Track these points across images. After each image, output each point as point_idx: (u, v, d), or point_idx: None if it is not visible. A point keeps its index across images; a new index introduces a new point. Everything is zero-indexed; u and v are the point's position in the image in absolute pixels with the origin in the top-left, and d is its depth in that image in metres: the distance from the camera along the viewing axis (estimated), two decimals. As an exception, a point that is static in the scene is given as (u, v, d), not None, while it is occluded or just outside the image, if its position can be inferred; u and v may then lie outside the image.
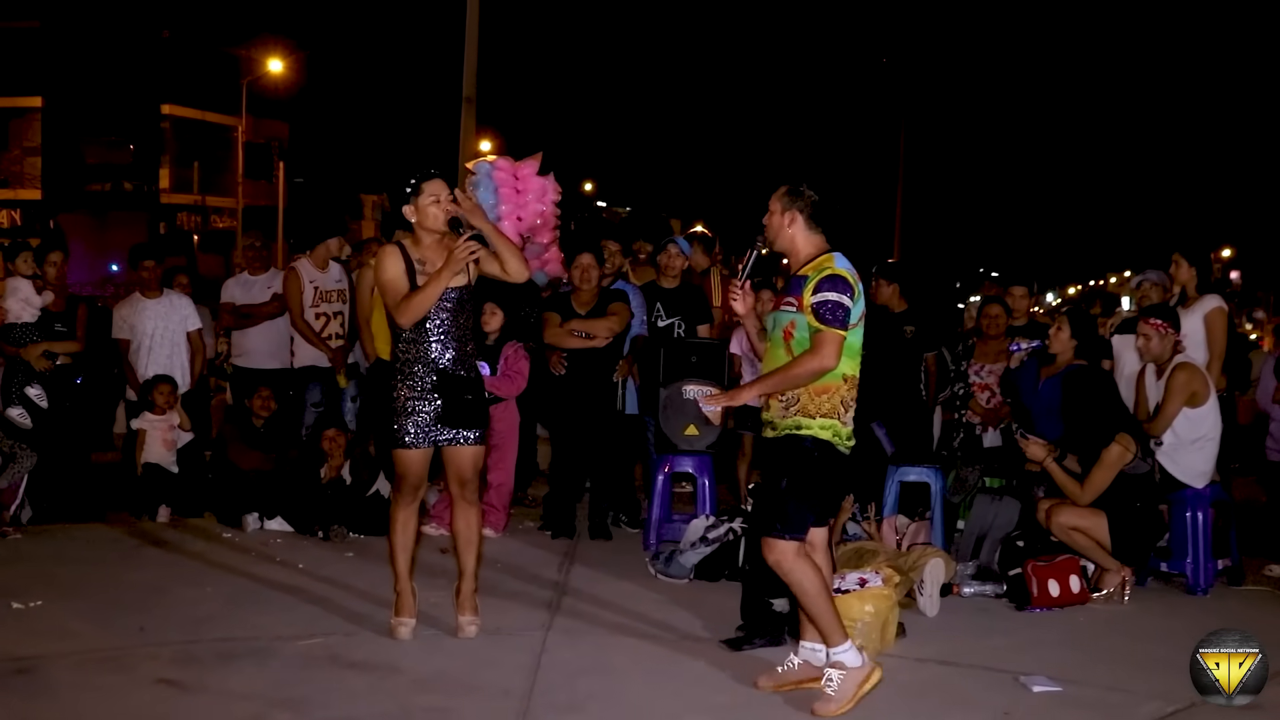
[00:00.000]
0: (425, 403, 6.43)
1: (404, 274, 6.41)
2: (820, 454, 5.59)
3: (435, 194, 6.43)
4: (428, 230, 6.48)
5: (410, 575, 6.69)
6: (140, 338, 10.27)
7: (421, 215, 6.46)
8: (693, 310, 10.05)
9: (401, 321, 6.40)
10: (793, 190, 5.78)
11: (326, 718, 5.33)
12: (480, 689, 5.76)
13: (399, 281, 6.41)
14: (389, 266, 6.44)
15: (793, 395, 5.61)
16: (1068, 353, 8.43)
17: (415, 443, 6.47)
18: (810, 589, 5.62)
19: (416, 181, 6.47)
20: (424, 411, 6.44)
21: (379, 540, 8.87)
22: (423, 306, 6.35)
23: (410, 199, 6.47)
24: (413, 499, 6.65)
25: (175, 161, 45.87)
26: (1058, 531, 7.82)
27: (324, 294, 10.36)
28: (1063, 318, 8.69)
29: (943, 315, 11.86)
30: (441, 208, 6.44)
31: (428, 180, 6.47)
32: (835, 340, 5.50)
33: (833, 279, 5.56)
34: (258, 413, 9.96)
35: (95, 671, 5.89)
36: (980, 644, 6.78)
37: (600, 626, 6.88)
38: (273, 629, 6.65)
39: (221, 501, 9.60)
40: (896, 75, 41.37)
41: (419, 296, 6.33)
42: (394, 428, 6.50)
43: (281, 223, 40.39)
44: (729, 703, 5.71)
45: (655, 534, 8.95)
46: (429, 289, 6.33)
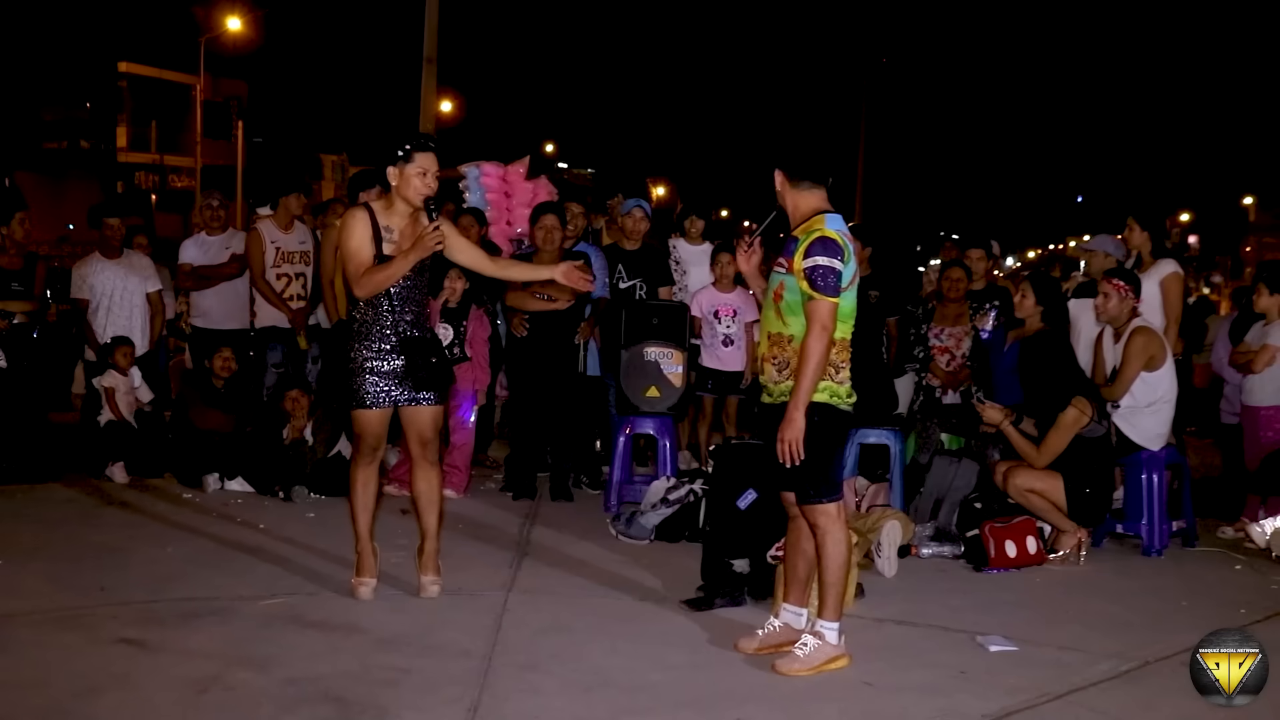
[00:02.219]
0: (384, 362, 6.41)
1: (369, 241, 6.33)
2: (821, 418, 5.60)
3: (425, 167, 6.32)
4: (404, 200, 6.39)
5: (371, 536, 6.69)
6: (99, 298, 10.22)
7: (404, 184, 6.34)
8: (654, 272, 10.07)
9: (359, 293, 6.36)
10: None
11: (287, 677, 5.34)
12: (441, 649, 5.78)
13: (363, 251, 6.33)
14: (355, 234, 6.34)
15: (784, 359, 5.62)
16: (1035, 318, 8.48)
17: (375, 403, 6.45)
18: (838, 557, 5.66)
19: (410, 149, 6.33)
20: (383, 372, 6.42)
21: (340, 501, 8.85)
22: (383, 285, 6.31)
23: (398, 162, 6.34)
24: (372, 459, 6.63)
25: (132, 120, 45.46)
26: (1014, 493, 7.89)
27: (286, 254, 10.31)
28: (1026, 284, 8.71)
29: (904, 279, 11.89)
30: (425, 182, 6.33)
31: (422, 151, 6.35)
32: (829, 308, 5.47)
33: (823, 241, 5.52)
34: (218, 373, 9.93)
35: (55, 630, 5.87)
36: (938, 604, 6.84)
37: (561, 587, 6.91)
38: (234, 589, 6.65)
39: (182, 462, 9.58)
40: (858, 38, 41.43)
41: (380, 275, 6.28)
42: (352, 388, 6.48)
43: (241, 183, 40.12)
44: (689, 662, 5.74)
45: (616, 495, 8.97)
46: (391, 269, 6.28)
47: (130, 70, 44.78)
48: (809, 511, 5.70)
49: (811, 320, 5.50)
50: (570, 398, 9.38)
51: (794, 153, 5.80)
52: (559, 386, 9.30)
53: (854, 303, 5.68)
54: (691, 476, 8.39)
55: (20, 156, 41.50)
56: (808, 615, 5.89)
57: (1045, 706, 5.31)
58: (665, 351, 9.03)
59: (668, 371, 9.04)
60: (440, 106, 25.52)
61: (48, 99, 43.45)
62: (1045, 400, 8.03)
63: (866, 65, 42.73)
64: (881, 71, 44.85)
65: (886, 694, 5.40)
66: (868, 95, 42.46)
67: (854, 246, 5.67)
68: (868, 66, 42.72)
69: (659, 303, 9.56)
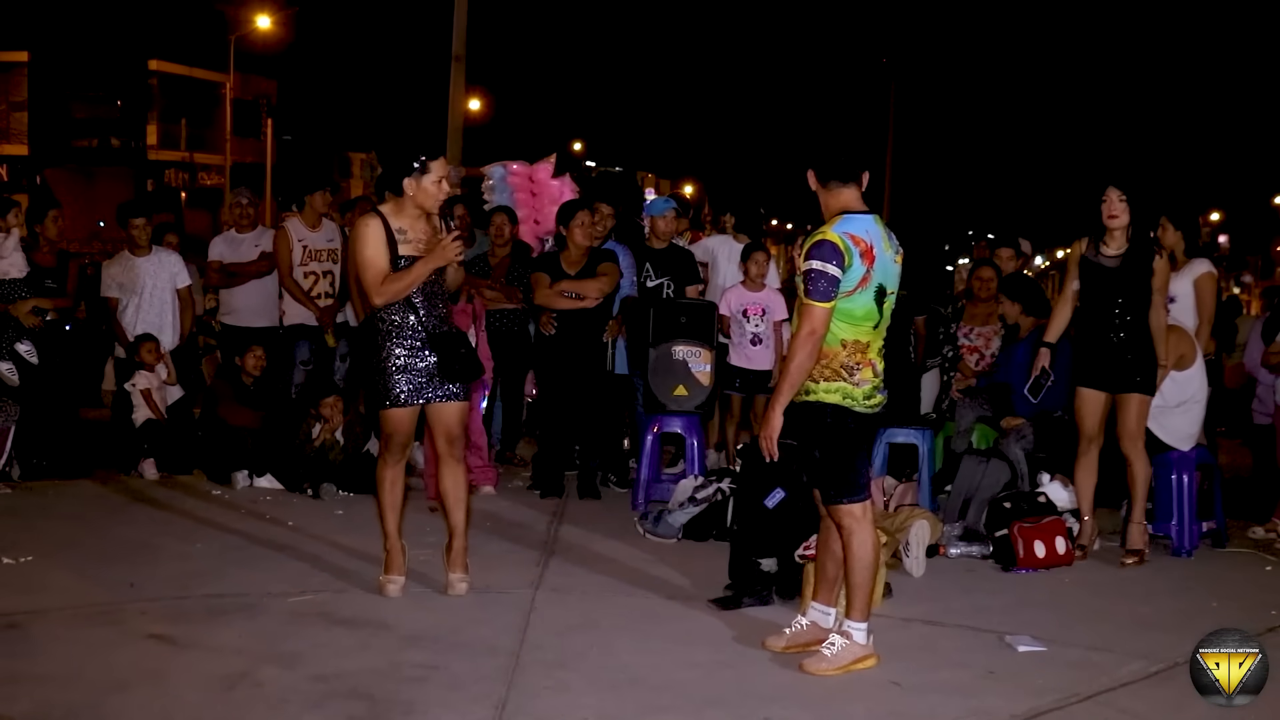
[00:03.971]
0: (417, 360, 6.42)
1: (385, 248, 6.31)
2: (834, 420, 5.59)
3: (440, 175, 6.33)
4: (419, 207, 6.40)
5: (399, 533, 6.70)
6: (129, 295, 10.26)
7: (421, 194, 6.34)
8: (682, 271, 10.07)
9: (378, 302, 6.35)
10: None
11: (315, 673, 5.35)
12: (469, 646, 5.79)
13: (379, 260, 6.31)
14: (370, 242, 6.32)
15: None
16: (1026, 320, 8.61)
17: (408, 401, 6.46)
18: (865, 557, 5.64)
19: (426, 159, 6.31)
20: (415, 370, 6.43)
21: (368, 498, 8.89)
22: (402, 293, 6.33)
23: (414, 173, 6.32)
24: (400, 457, 6.65)
25: (162, 118, 45.58)
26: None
27: (313, 253, 10.33)
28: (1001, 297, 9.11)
29: (933, 278, 11.87)
30: (442, 189, 6.35)
31: (436, 160, 6.35)
32: (819, 313, 5.45)
33: (821, 245, 5.49)
34: (249, 371, 9.96)
35: (85, 626, 5.91)
36: (966, 604, 6.82)
37: (589, 585, 6.91)
38: (263, 585, 6.67)
39: (211, 459, 9.63)
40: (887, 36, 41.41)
41: (399, 284, 6.29)
42: (384, 388, 6.47)
43: (270, 180, 40.27)
44: (717, 660, 5.74)
45: (644, 494, 8.97)
46: (409, 277, 6.30)
47: (160, 68, 44.93)
48: (834, 512, 5.69)
49: (800, 322, 5.52)
50: (598, 396, 9.38)
51: (822, 152, 5.78)
52: (587, 385, 9.29)
53: (872, 304, 5.61)
54: (719, 475, 8.39)
55: (51, 154, 41.77)
56: (836, 615, 5.88)
57: (1074, 707, 5.28)
58: (693, 350, 9.02)
59: (695, 370, 9.03)
60: (469, 105, 25.58)
61: (78, 96, 43.65)
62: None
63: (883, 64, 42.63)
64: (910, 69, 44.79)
65: (914, 694, 5.39)
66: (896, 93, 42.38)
67: (872, 246, 5.58)
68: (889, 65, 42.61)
69: (687, 301, 9.55)
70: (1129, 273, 7.54)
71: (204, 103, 45.83)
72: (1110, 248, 7.61)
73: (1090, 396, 7.78)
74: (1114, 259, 7.59)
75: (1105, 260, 7.61)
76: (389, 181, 6.47)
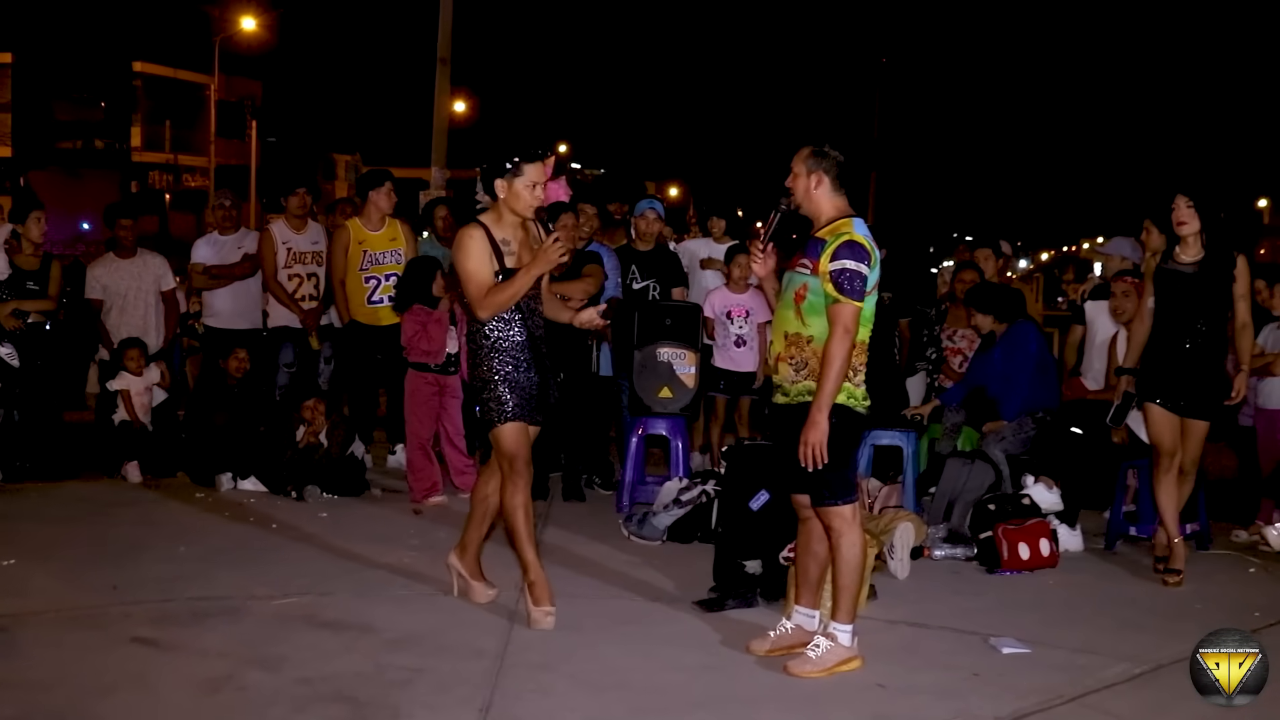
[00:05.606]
0: (523, 376, 6.20)
1: (489, 259, 6.09)
2: (839, 420, 5.59)
3: (534, 179, 6.10)
4: (515, 213, 6.17)
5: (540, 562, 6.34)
6: (114, 298, 10.24)
7: (514, 198, 6.11)
8: (667, 273, 10.07)
9: (482, 315, 6.12)
10: (818, 151, 5.68)
11: (300, 676, 5.35)
12: (454, 648, 5.78)
13: (483, 271, 6.08)
14: (474, 253, 6.08)
15: (802, 359, 5.59)
16: (1000, 328, 8.69)
17: (519, 415, 6.17)
18: (852, 559, 5.65)
19: (519, 161, 6.10)
20: (522, 385, 6.19)
21: (352, 501, 8.94)
22: (507, 304, 6.11)
23: (506, 175, 6.11)
24: (527, 480, 6.23)
25: (147, 119, 45.52)
26: None
27: (297, 255, 10.31)
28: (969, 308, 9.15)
29: (917, 280, 11.88)
30: (535, 195, 6.12)
31: (531, 163, 6.11)
32: (853, 312, 5.47)
33: (851, 245, 5.50)
34: (233, 373, 9.94)
35: (69, 629, 5.89)
36: (950, 606, 6.83)
37: (573, 588, 6.90)
38: (247, 588, 6.65)
39: (195, 461, 9.60)
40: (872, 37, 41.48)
41: (504, 295, 6.06)
42: (495, 405, 6.18)
43: (254, 182, 40.19)
44: (702, 663, 5.74)
45: (628, 496, 8.97)
46: (514, 286, 6.06)
47: (145, 70, 44.86)
48: (824, 514, 5.69)
49: (835, 323, 5.49)
50: (583, 398, 9.36)
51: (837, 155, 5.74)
52: (572, 387, 9.28)
53: (874, 307, 5.69)
54: (704, 477, 8.39)
55: (35, 156, 41.65)
56: (820, 617, 5.88)
57: (1058, 709, 5.30)
58: (678, 352, 9.03)
59: (680, 372, 9.03)
60: (454, 107, 25.57)
61: (62, 98, 43.55)
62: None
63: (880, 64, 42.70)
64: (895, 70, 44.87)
65: (899, 696, 5.40)
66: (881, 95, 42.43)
67: (880, 253, 5.67)
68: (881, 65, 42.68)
69: (672, 303, 9.55)
70: (1208, 278, 7.37)
71: (188, 104, 45.74)
72: (1186, 255, 7.46)
73: (1161, 414, 7.56)
74: (1191, 265, 7.43)
75: (1182, 267, 7.51)
76: (485, 183, 6.30)
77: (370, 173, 10.37)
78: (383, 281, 9.88)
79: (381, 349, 9.72)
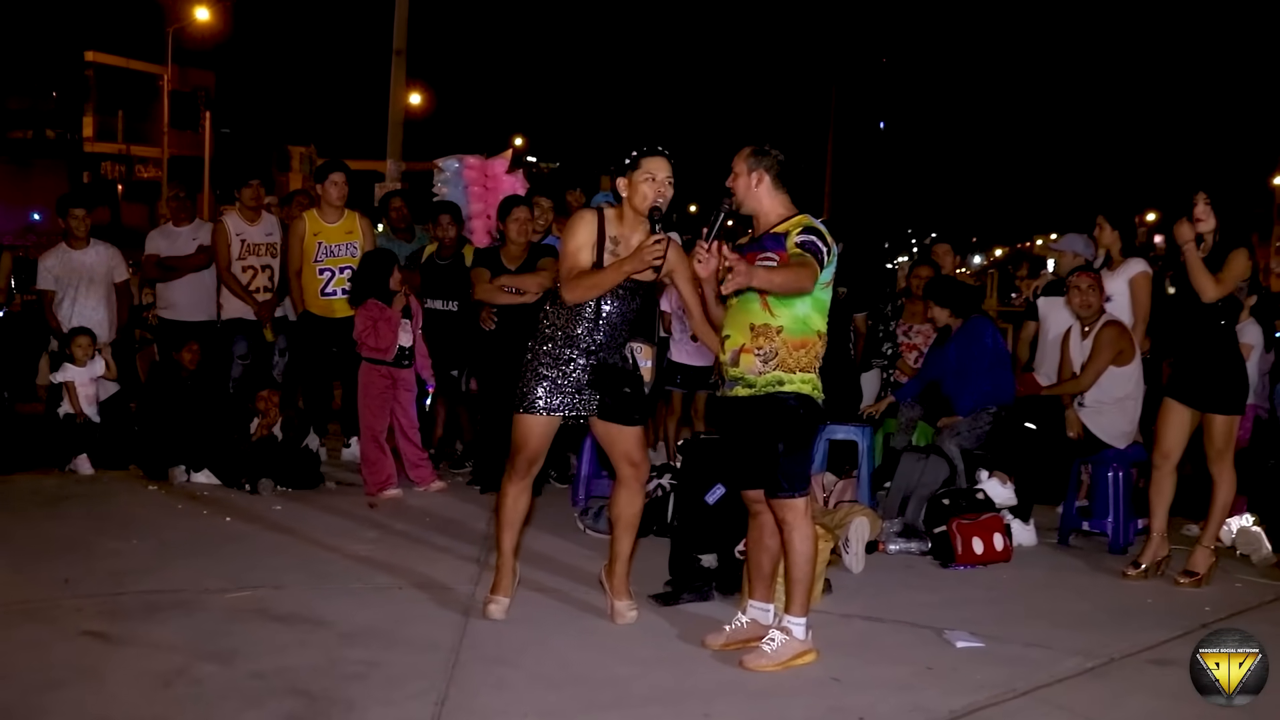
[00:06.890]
0: (559, 372, 6.08)
1: (591, 246, 6.00)
2: (805, 410, 5.62)
3: (652, 172, 5.94)
4: (634, 209, 6.02)
5: (515, 553, 6.39)
6: (65, 289, 10.15)
7: (632, 191, 5.95)
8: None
9: (567, 297, 6.01)
10: (758, 150, 5.69)
11: (254, 670, 5.31)
12: (408, 642, 5.76)
13: (581, 253, 5.99)
14: (578, 234, 6.01)
15: (770, 349, 5.58)
16: (955, 323, 8.75)
17: (542, 409, 6.11)
18: (805, 552, 5.66)
19: (638, 155, 5.98)
20: (555, 380, 6.08)
21: (307, 494, 8.90)
22: (590, 293, 5.99)
23: (627, 171, 5.98)
24: (527, 473, 6.24)
25: (99, 110, 45.18)
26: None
27: (252, 247, 10.26)
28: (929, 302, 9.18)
29: (873, 275, 11.91)
30: (654, 188, 5.93)
31: (650, 157, 5.97)
32: (815, 269, 5.47)
33: (816, 231, 5.56)
34: (187, 365, 9.87)
35: (19, 623, 5.83)
36: (905, 600, 6.86)
37: (529, 581, 6.87)
38: (199, 581, 6.61)
39: (147, 454, 9.52)
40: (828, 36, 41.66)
41: (589, 281, 5.95)
42: (521, 391, 6.14)
43: (208, 173, 39.92)
44: (657, 657, 5.74)
45: (584, 489, 8.96)
46: (602, 277, 5.94)
47: (97, 59, 44.50)
48: (777, 507, 5.69)
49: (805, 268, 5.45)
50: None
51: (784, 154, 5.76)
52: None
53: (829, 299, 5.71)
54: (660, 471, 8.39)
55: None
56: (774, 611, 5.90)
57: (1011, 703, 5.32)
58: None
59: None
60: (409, 99, 25.47)
61: (13, 88, 43.18)
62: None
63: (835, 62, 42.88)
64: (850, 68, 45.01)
65: (853, 690, 5.41)
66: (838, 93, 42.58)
67: (837, 247, 5.71)
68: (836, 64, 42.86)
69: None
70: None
71: (141, 95, 45.38)
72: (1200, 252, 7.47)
73: (1176, 409, 7.54)
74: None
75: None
76: (613, 190, 6.20)
77: (326, 164, 10.32)
78: (337, 274, 9.83)
79: (336, 341, 9.67)
